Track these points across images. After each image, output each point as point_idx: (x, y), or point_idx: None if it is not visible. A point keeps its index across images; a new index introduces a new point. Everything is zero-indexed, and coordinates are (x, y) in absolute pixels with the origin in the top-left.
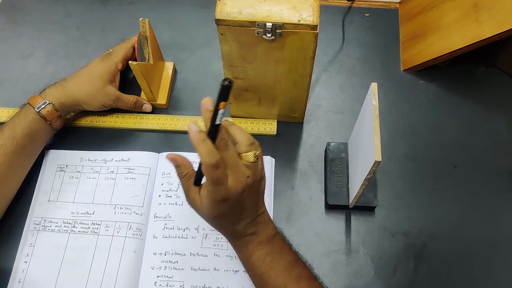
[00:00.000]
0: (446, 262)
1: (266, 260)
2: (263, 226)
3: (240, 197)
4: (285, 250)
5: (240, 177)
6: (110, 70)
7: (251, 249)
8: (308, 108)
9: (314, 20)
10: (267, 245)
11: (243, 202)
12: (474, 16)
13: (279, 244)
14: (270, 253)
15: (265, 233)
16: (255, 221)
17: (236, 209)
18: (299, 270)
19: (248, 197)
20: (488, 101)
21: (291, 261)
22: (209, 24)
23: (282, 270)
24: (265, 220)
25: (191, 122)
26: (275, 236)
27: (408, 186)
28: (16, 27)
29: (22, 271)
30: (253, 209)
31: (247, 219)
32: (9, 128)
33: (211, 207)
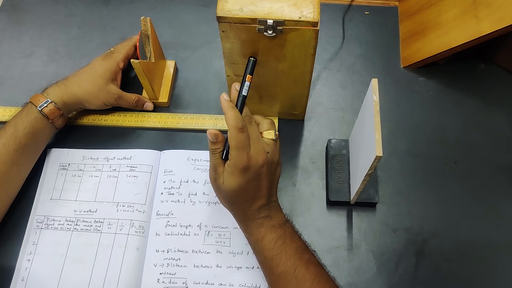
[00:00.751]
0: (448, 258)
1: (278, 243)
2: (275, 212)
3: (260, 171)
4: (295, 236)
5: (261, 150)
6: (112, 68)
7: (263, 231)
8: (309, 106)
9: (314, 17)
10: (279, 229)
11: (261, 179)
12: (473, 13)
13: (290, 230)
14: (282, 236)
15: (278, 218)
16: (269, 205)
17: (254, 184)
18: (309, 256)
19: (266, 175)
20: (488, 97)
21: (301, 247)
22: (210, 22)
23: (293, 253)
24: (278, 207)
25: (223, 93)
26: (287, 222)
27: (409, 182)
28: (17, 26)
29: (25, 269)
30: (268, 190)
31: (262, 200)
32: (11, 127)
33: (233, 175)
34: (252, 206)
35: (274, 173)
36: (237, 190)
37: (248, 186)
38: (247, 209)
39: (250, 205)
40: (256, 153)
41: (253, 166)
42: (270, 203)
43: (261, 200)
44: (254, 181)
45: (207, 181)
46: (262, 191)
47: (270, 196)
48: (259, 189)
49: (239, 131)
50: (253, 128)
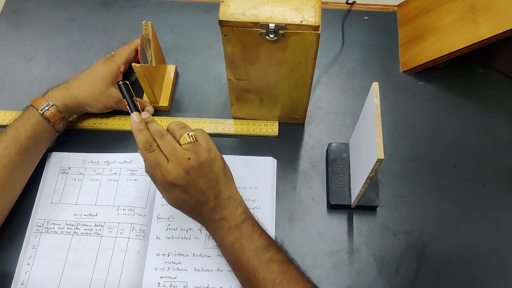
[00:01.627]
0: (448, 261)
1: (235, 246)
2: (231, 211)
3: (187, 179)
4: (254, 235)
5: (180, 160)
6: (113, 72)
7: (220, 235)
8: (309, 110)
9: (316, 21)
10: (236, 231)
11: (194, 186)
12: (471, 18)
13: (249, 229)
14: (239, 238)
15: (234, 218)
16: (221, 206)
17: (190, 193)
18: (270, 255)
19: (200, 179)
20: (487, 101)
21: (261, 246)
22: (210, 27)
23: (252, 255)
24: (233, 204)
25: (134, 113)
26: (245, 221)
27: (409, 186)
28: (18, 31)
29: (25, 273)
30: (212, 192)
31: (209, 203)
32: (13, 130)
33: (164, 192)
34: (202, 211)
35: (210, 173)
36: (176, 204)
37: (184, 197)
38: (199, 215)
39: (199, 211)
40: (175, 165)
41: (177, 179)
42: (221, 202)
43: (207, 204)
44: (188, 191)
45: None
46: (203, 195)
47: (216, 197)
48: (198, 195)
49: (147, 152)
50: (166, 142)
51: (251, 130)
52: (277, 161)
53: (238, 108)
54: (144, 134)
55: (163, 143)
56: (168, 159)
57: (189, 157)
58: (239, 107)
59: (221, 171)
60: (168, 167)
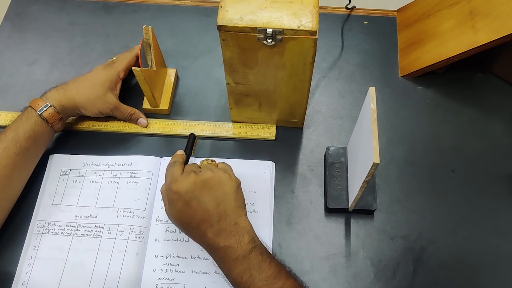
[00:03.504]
0: (445, 265)
1: (245, 277)
2: (237, 239)
3: (193, 190)
4: (264, 265)
5: (190, 173)
6: (112, 78)
7: (227, 265)
8: (308, 114)
9: (313, 26)
10: (244, 261)
11: (199, 198)
12: (470, 24)
13: (257, 259)
14: (248, 269)
15: (241, 247)
16: (227, 231)
17: (194, 208)
18: (281, 283)
19: (205, 193)
20: (485, 106)
21: (272, 275)
22: (211, 31)
23: (263, 285)
24: (240, 232)
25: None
26: (253, 250)
27: (407, 190)
28: (21, 35)
29: (25, 274)
30: (216, 211)
31: (213, 224)
32: (12, 131)
33: (169, 207)
34: (206, 233)
35: (217, 190)
36: (180, 217)
37: (188, 211)
38: (203, 237)
39: (204, 232)
40: (184, 176)
41: (181, 187)
42: (227, 227)
43: (211, 224)
44: (191, 204)
45: None
46: (206, 213)
47: (222, 219)
48: (202, 211)
49: (169, 166)
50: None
51: (249, 134)
52: (275, 164)
53: (237, 112)
54: (177, 157)
55: (187, 165)
56: (182, 173)
57: (200, 171)
58: (238, 111)
59: (232, 193)
60: (178, 177)
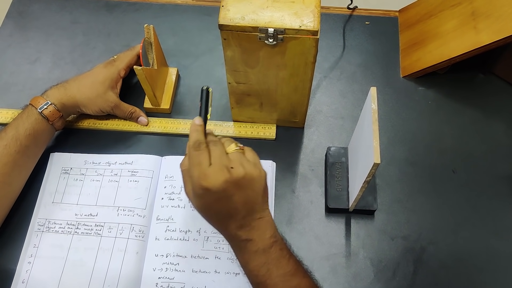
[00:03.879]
0: (445, 266)
1: (262, 271)
2: (259, 234)
3: (224, 189)
4: (283, 261)
5: (222, 166)
6: (113, 76)
7: (246, 257)
8: (309, 113)
9: (315, 25)
10: (263, 255)
11: (230, 197)
12: (472, 24)
13: (277, 254)
14: (266, 263)
15: (262, 241)
16: (250, 226)
17: (222, 204)
18: (297, 281)
19: (237, 192)
20: (486, 107)
21: (289, 272)
22: (212, 31)
23: (279, 281)
24: (263, 226)
25: (197, 117)
26: (273, 245)
27: (408, 191)
28: (23, 33)
29: (25, 272)
30: (245, 209)
31: (238, 219)
32: (12, 129)
33: (194, 197)
34: (229, 226)
35: (248, 189)
36: (204, 211)
37: (215, 207)
38: (225, 230)
39: (226, 225)
40: (215, 170)
41: (213, 185)
42: (251, 222)
43: (236, 220)
44: (221, 201)
45: None
46: (234, 210)
47: (248, 215)
48: (230, 208)
49: (194, 150)
50: (216, 147)
51: (249, 133)
52: (276, 164)
53: (238, 111)
54: (199, 134)
55: (213, 147)
56: (211, 163)
57: (232, 166)
58: (239, 110)
59: (261, 191)
60: (207, 170)
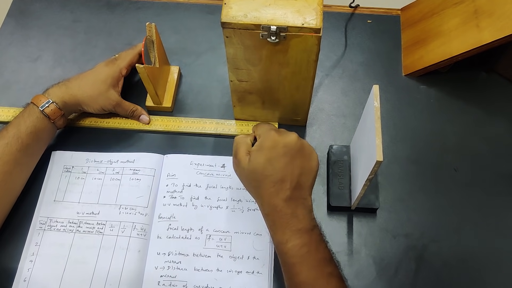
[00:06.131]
0: (447, 264)
1: (302, 251)
2: (304, 213)
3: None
4: (321, 246)
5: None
6: (114, 75)
7: (288, 235)
8: (311, 112)
9: (317, 23)
10: (305, 235)
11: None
12: (474, 22)
13: (317, 238)
14: (307, 244)
15: (306, 220)
16: (297, 201)
17: (281, 164)
18: (331, 269)
19: (298, 156)
20: (489, 105)
21: (326, 258)
22: (214, 29)
23: (316, 265)
24: (307, 208)
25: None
26: (314, 228)
27: (410, 189)
28: (25, 31)
29: (27, 270)
30: (296, 179)
31: (289, 189)
32: (14, 127)
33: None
34: (279, 193)
35: (305, 161)
36: (265, 166)
37: (277, 163)
38: (274, 197)
39: (276, 193)
40: (285, 132)
41: (284, 140)
42: (299, 198)
43: (289, 188)
44: (283, 159)
45: (209, 185)
46: (291, 175)
47: (298, 188)
48: (288, 171)
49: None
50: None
51: (250, 131)
52: None
53: (240, 110)
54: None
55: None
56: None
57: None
58: (241, 109)
59: (314, 172)
60: (278, 131)
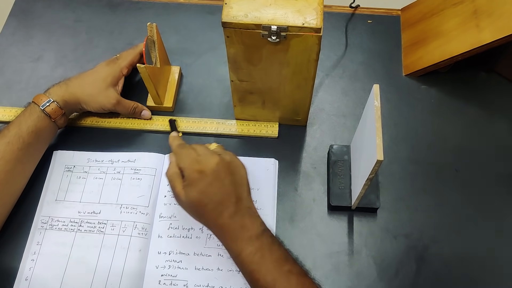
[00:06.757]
0: (448, 264)
1: (256, 257)
2: (251, 221)
3: (216, 170)
4: (274, 247)
5: (210, 153)
6: (115, 74)
7: (240, 245)
8: (311, 112)
9: (317, 23)
10: (257, 241)
11: (221, 180)
12: (474, 22)
13: (268, 240)
14: (260, 249)
15: (254, 228)
16: (242, 212)
17: (216, 187)
18: (289, 267)
19: (227, 175)
20: (489, 105)
21: (281, 258)
22: (215, 29)
23: (272, 267)
24: (253, 214)
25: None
26: (264, 232)
27: (410, 189)
28: (26, 31)
29: (29, 269)
30: (235, 194)
31: (231, 205)
32: (15, 126)
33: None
34: (222, 213)
35: (236, 174)
36: (200, 198)
37: (210, 190)
38: (218, 218)
39: (220, 213)
40: (206, 157)
41: (207, 167)
42: (242, 210)
43: (229, 206)
44: (215, 184)
45: None
46: (227, 195)
47: (238, 201)
48: (223, 192)
49: (180, 148)
50: (200, 145)
51: (252, 131)
52: (279, 162)
53: (241, 110)
54: (179, 139)
55: (196, 145)
56: (200, 155)
57: (219, 153)
58: (241, 109)
59: (246, 180)
60: (199, 157)
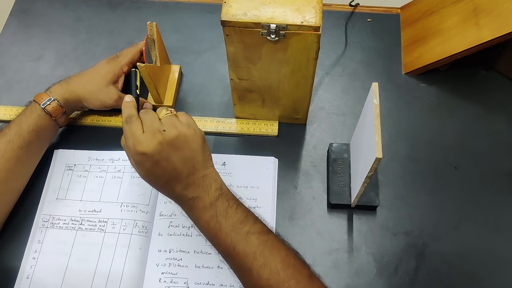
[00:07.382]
0: (447, 261)
1: (212, 223)
2: (204, 189)
3: (160, 151)
4: (230, 211)
5: (155, 130)
6: (115, 71)
7: (195, 214)
8: (311, 110)
9: (316, 21)
10: (211, 208)
11: (168, 158)
12: (473, 21)
13: (224, 205)
14: (215, 216)
15: (208, 196)
16: (195, 184)
17: (162, 167)
18: (248, 228)
19: (173, 153)
20: (488, 103)
21: (238, 221)
22: (215, 28)
23: (229, 231)
24: (207, 182)
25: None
26: (219, 197)
27: (410, 187)
28: (27, 31)
29: (30, 267)
30: (186, 168)
31: (182, 180)
32: (16, 125)
33: (136, 166)
34: (174, 188)
35: (185, 148)
36: (148, 178)
37: (156, 171)
38: (172, 192)
39: (172, 188)
40: (148, 136)
41: (147, 149)
42: (196, 181)
43: (180, 180)
44: (160, 164)
45: None
46: (175, 171)
47: (190, 175)
48: (171, 170)
49: (126, 123)
50: (147, 116)
51: (251, 130)
52: (278, 160)
53: (241, 108)
54: (130, 109)
55: (144, 116)
56: (144, 130)
57: (164, 129)
58: (241, 107)
59: (199, 149)
60: (140, 137)
